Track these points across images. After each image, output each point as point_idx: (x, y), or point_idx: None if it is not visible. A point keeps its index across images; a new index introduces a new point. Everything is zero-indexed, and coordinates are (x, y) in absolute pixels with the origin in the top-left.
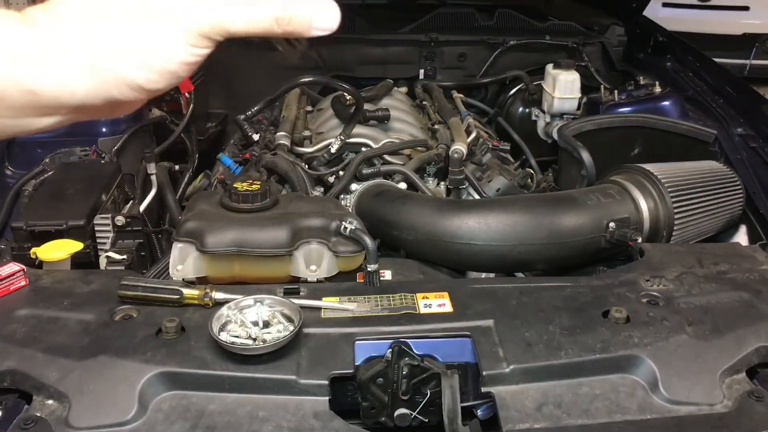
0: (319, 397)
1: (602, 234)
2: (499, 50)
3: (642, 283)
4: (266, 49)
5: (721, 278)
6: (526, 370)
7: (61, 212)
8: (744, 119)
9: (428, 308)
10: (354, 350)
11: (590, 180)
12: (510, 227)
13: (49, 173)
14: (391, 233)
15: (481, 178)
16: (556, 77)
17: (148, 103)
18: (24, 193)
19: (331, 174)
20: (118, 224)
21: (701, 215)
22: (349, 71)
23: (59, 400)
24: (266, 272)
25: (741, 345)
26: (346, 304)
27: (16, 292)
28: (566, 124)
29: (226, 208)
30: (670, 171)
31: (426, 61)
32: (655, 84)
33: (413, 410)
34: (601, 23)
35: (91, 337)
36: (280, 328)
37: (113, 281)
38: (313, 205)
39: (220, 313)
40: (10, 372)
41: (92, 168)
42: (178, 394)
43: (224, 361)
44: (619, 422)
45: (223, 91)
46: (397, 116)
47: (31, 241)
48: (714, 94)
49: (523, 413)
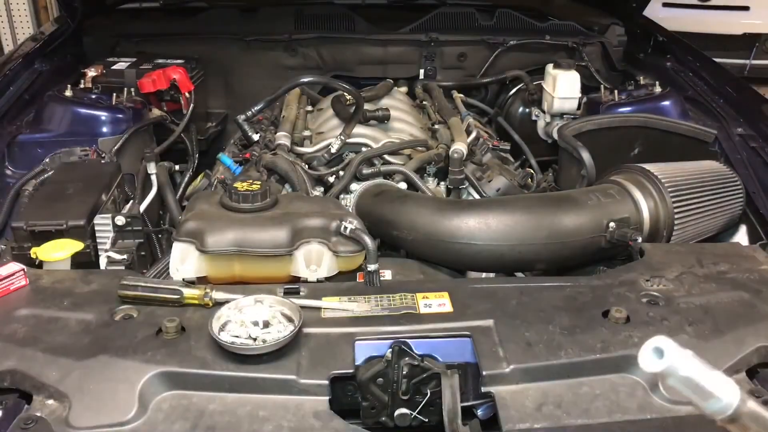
0: (319, 397)
1: (602, 234)
2: (499, 50)
3: (642, 283)
4: (266, 49)
5: (721, 278)
6: (526, 370)
7: (61, 212)
8: (744, 119)
9: (428, 308)
10: (354, 350)
11: (590, 180)
12: (510, 227)
13: (49, 173)
14: (391, 233)
15: (481, 178)
16: (556, 77)
17: (148, 103)
18: (24, 193)
19: (331, 174)
20: (118, 224)
21: (701, 215)
22: (349, 71)
23: (59, 400)
24: (266, 272)
25: (741, 345)
26: (346, 304)
27: (16, 292)
28: (566, 124)
29: (226, 208)
30: (670, 171)
31: (426, 61)
32: (655, 84)
33: (413, 410)
34: (601, 23)
35: (91, 337)
36: (280, 328)
37: (113, 281)
38: (313, 205)
39: (220, 313)
40: (10, 372)
41: (92, 168)
42: (178, 394)
43: (224, 361)
44: (619, 422)
45: (223, 91)
46: (397, 116)
47: (31, 241)
48: (714, 94)
49: (523, 413)
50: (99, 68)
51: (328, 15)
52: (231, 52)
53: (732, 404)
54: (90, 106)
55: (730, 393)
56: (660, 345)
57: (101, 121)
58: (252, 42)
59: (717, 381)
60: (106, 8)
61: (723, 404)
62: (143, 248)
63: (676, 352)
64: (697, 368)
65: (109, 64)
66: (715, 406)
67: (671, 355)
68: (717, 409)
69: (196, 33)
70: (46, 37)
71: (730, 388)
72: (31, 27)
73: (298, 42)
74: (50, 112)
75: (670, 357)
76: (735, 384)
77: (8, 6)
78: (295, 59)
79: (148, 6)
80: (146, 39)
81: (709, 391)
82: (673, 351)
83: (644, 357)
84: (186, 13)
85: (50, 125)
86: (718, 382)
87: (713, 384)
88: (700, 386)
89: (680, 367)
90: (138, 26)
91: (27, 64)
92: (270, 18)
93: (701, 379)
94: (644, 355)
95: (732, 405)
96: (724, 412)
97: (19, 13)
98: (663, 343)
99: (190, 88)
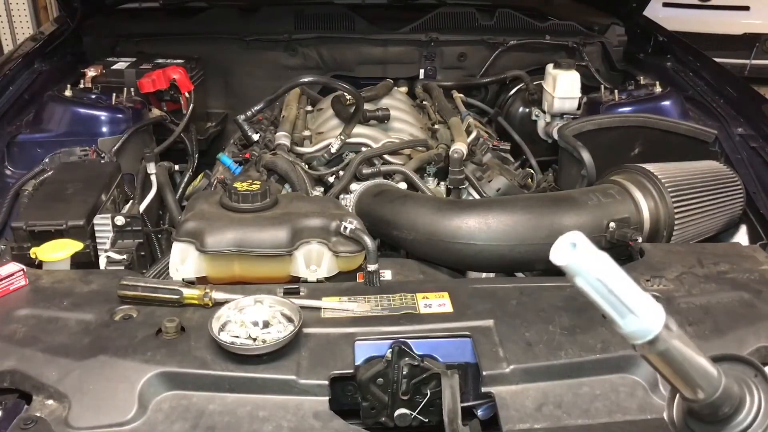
0: (319, 397)
1: (602, 234)
2: (499, 50)
3: (642, 283)
4: (266, 49)
5: (722, 278)
6: (526, 370)
7: (61, 212)
8: (744, 119)
9: (428, 308)
10: (354, 350)
11: (590, 180)
12: (510, 227)
13: (49, 173)
14: (391, 233)
15: (481, 178)
16: (557, 77)
17: (148, 103)
18: (24, 193)
19: (331, 174)
20: (117, 224)
21: (701, 215)
22: (349, 71)
23: (59, 400)
24: (266, 272)
25: (741, 345)
26: (346, 304)
27: (16, 292)
28: (566, 124)
29: (226, 208)
30: (671, 171)
31: (426, 60)
32: (655, 84)
33: (413, 410)
34: (601, 23)
35: (91, 337)
36: (280, 328)
37: (113, 281)
38: (313, 205)
39: (220, 313)
40: (10, 372)
41: (92, 168)
42: (178, 394)
43: (224, 361)
44: (619, 422)
45: (223, 91)
46: (397, 116)
47: (31, 241)
48: (714, 94)
49: (523, 413)
50: (99, 68)
51: (328, 15)
52: (231, 52)
53: (652, 330)
54: (90, 106)
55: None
56: (575, 239)
57: (101, 121)
58: (252, 42)
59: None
60: (106, 8)
61: (641, 327)
62: (143, 248)
63: (589, 247)
64: (615, 274)
65: (109, 64)
66: (631, 326)
67: (583, 249)
68: (633, 330)
69: (196, 33)
70: (45, 37)
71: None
72: (31, 27)
73: (298, 42)
74: (50, 112)
75: (582, 251)
76: (660, 306)
77: (8, 6)
78: (295, 59)
79: (147, 6)
80: (146, 39)
81: (627, 306)
82: (586, 245)
83: (557, 248)
84: (186, 13)
85: (50, 125)
86: (640, 299)
87: (633, 299)
88: (615, 296)
89: (591, 266)
90: (138, 26)
91: (27, 64)
92: (270, 18)
93: (618, 288)
94: (558, 246)
95: (651, 330)
96: (642, 337)
97: (19, 13)
98: (579, 237)
99: (190, 88)
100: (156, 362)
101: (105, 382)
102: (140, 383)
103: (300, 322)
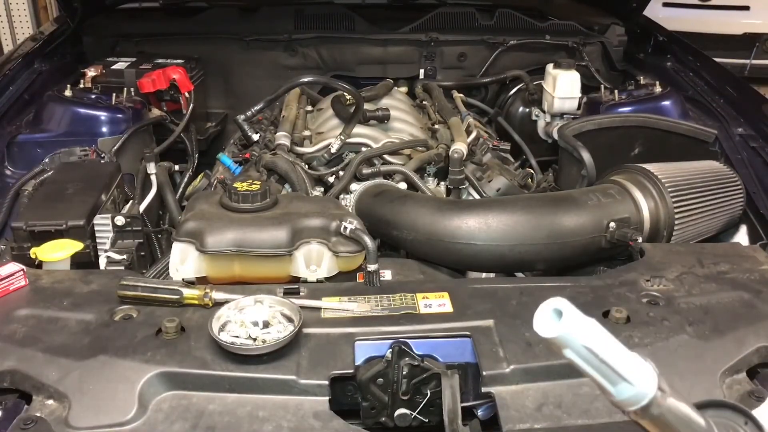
0: (319, 397)
1: (602, 234)
2: (499, 50)
3: (642, 283)
4: (266, 49)
5: (722, 278)
6: (526, 370)
7: (61, 212)
8: (744, 119)
9: (428, 308)
10: (354, 350)
11: (590, 180)
12: (510, 227)
13: (49, 173)
14: (391, 233)
15: (481, 178)
16: (556, 77)
17: (147, 103)
18: (24, 193)
19: (331, 174)
20: (117, 224)
21: (701, 215)
22: (349, 71)
23: (59, 400)
24: (266, 272)
25: (741, 345)
26: (346, 304)
27: (16, 292)
28: (566, 124)
29: (226, 208)
30: (671, 171)
31: (426, 60)
32: (655, 84)
33: (413, 410)
34: (601, 23)
35: (91, 337)
36: (280, 328)
37: (113, 281)
38: (313, 205)
39: (220, 313)
40: (10, 372)
41: (92, 168)
42: (178, 394)
43: (224, 361)
44: (619, 422)
45: (223, 91)
46: (397, 116)
47: (31, 241)
48: (714, 94)
49: (523, 413)
50: (99, 68)
51: (328, 15)
52: (231, 52)
53: (647, 394)
54: (90, 106)
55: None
56: (559, 306)
57: (101, 121)
58: (252, 42)
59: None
60: (106, 8)
61: (635, 392)
62: (143, 248)
63: (576, 315)
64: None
65: (109, 64)
66: (625, 393)
67: (569, 318)
68: (627, 397)
69: (196, 33)
70: (45, 37)
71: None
72: (31, 27)
73: (298, 42)
74: (50, 112)
75: (568, 320)
76: (652, 368)
77: (8, 6)
78: (295, 59)
79: (147, 6)
80: (146, 39)
81: (619, 373)
82: (572, 313)
83: (540, 318)
84: (186, 13)
85: (50, 125)
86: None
87: (624, 365)
88: (606, 364)
89: (579, 335)
90: (138, 26)
91: (27, 64)
92: (270, 18)
93: (607, 355)
94: (540, 316)
95: (647, 395)
96: (637, 403)
97: (19, 13)
98: (562, 304)
99: (190, 88)
100: (156, 362)
101: (105, 382)
102: (140, 383)
103: (300, 322)
